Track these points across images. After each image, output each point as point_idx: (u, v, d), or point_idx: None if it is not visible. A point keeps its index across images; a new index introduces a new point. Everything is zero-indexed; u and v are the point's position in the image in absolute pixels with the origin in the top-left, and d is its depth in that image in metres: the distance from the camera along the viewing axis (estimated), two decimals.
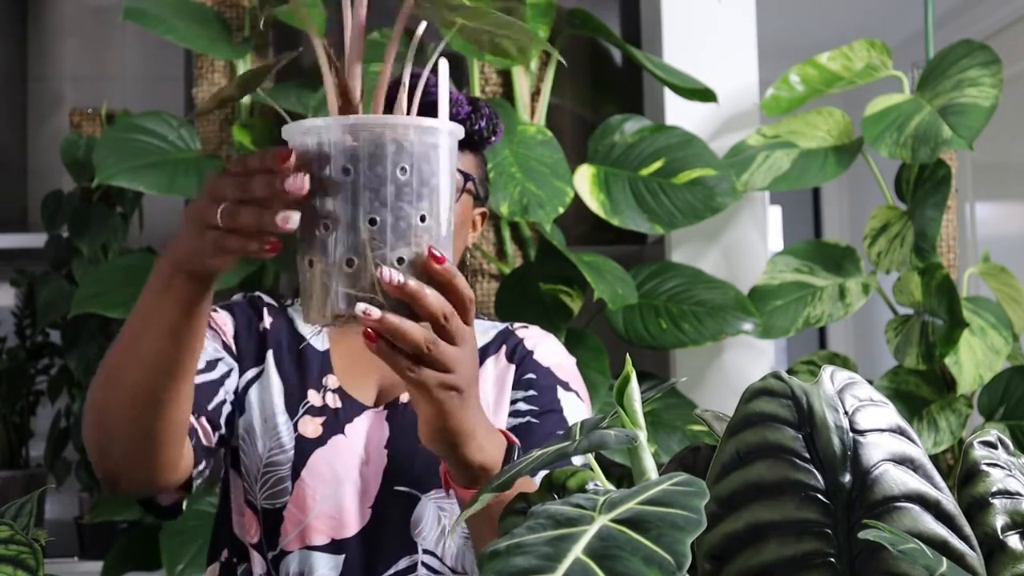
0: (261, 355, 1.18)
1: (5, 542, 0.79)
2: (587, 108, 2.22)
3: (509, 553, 0.47)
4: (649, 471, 0.67)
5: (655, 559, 0.46)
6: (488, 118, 1.18)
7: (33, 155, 2.66)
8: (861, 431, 0.61)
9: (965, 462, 0.67)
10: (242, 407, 1.15)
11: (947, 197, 1.97)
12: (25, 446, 2.48)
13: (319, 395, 1.16)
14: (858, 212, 4.20)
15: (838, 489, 0.58)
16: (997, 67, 1.93)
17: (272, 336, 1.19)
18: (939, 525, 0.58)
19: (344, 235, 0.72)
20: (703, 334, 1.92)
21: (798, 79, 2.13)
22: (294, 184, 0.72)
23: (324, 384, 1.17)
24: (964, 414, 1.95)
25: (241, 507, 1.15)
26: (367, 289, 0.72)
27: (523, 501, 0.70)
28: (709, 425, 0.75)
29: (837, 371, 0.65)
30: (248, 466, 1.14)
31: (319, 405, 1.15)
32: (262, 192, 0.73)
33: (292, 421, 1.14)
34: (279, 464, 1.12)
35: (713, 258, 2.11)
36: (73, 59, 2.70)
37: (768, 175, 2.02)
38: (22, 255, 2.46)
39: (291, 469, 1.11)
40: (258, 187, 0.73)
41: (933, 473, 0.60)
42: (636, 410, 0.70)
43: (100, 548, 2.23)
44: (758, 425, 0.61)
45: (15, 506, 0.92)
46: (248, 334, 1.19)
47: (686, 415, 1.89)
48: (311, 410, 1.15)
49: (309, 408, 1.15)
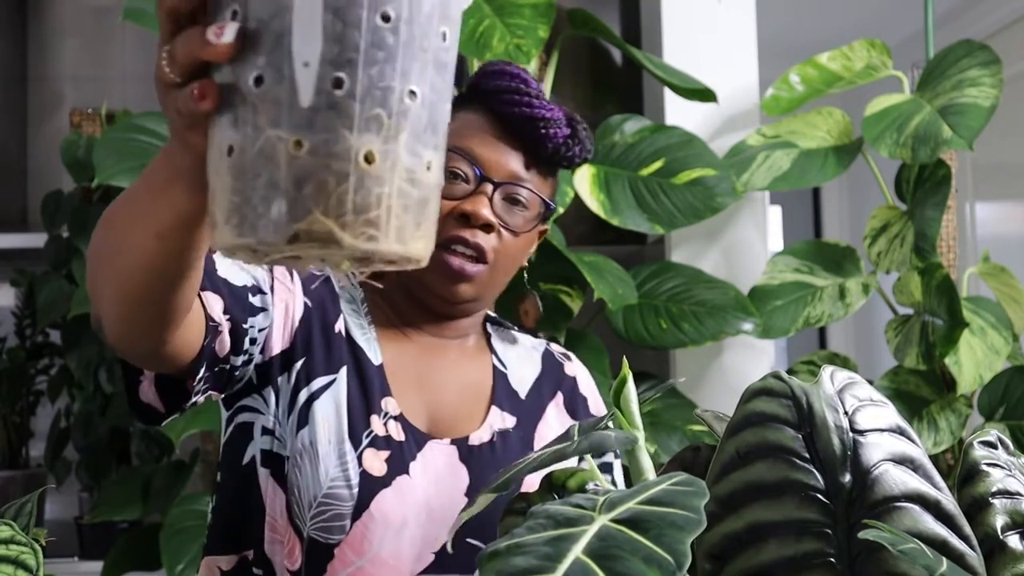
0: (334, 363, 1.05)
1: (5, 542, 0.79)
2: (587, 108, 2.22)
3: (509, 553, 0.47)
4: (647, 471, 0.67)
5: (655, 559, 0.46)
6: (583, 143, 1.10)
7: (33, 155, 2.66)
8: (861, 431, 0.61)
9: (965, 462, 0.67)
10: (305, 419, 1.01)
11: (947, 197, 1.97)
12: (25, 446, 2.48)
13: (381, 422, 1.04)
14: (858, 212, 4.20)
15: (838, 489, 0.58)
16: (997, 67, 1.93)
17: (348, 344, 1.06)
18: (939, 525, 0.58)
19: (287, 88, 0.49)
20: (703, 334, 1.92)
21: (798, 79, 2.13)
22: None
23: (384, 409, 1.04)
24: (964, 414, 1.95)
25: (278, 525, 1.02)
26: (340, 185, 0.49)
27: (523, 501, 0.70)
28: (709, 425, 0.75)
29: (837, 371, 0.65)
30: (300, 488, 1.00)
31: (383, 435, 1.03)
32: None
33: (357, 453, 1.01)
34: (339, 499, 0.99)
35: (713, 258, 2.11)
36: (73, 59, 2.69)
37: (768, 175, 2.02)
38: (22, 255, 2.46)
39: (352, 508, 0.99)
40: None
41: (933, 473, 0.60)
42: (633, 411, 0.70)
43: (100, 548, 2.23)
44: (758, 425, 0.61)
45: (15, 506, 0.92)
46: (321, 332, 1.06)
47: (686, 415, 1.89)
48: (375, 441, 1.02)
49: (373, 439, 1.02)
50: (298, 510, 1.00)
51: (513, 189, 1.06)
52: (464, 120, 1.07)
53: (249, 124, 0.50)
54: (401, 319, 1.12)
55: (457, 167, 1.05)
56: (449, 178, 1.03)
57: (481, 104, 1.08)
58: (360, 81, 0.49)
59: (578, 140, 1.09)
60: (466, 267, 1.04)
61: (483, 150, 1.06)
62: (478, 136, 1.06)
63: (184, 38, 0.53)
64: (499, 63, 1.11)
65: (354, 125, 0.49)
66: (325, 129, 0.48)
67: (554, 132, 1.06)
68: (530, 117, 1.05)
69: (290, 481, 1.00)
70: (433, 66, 0.51)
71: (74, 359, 2.26)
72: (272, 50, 0.49)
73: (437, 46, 0.52)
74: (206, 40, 0.51)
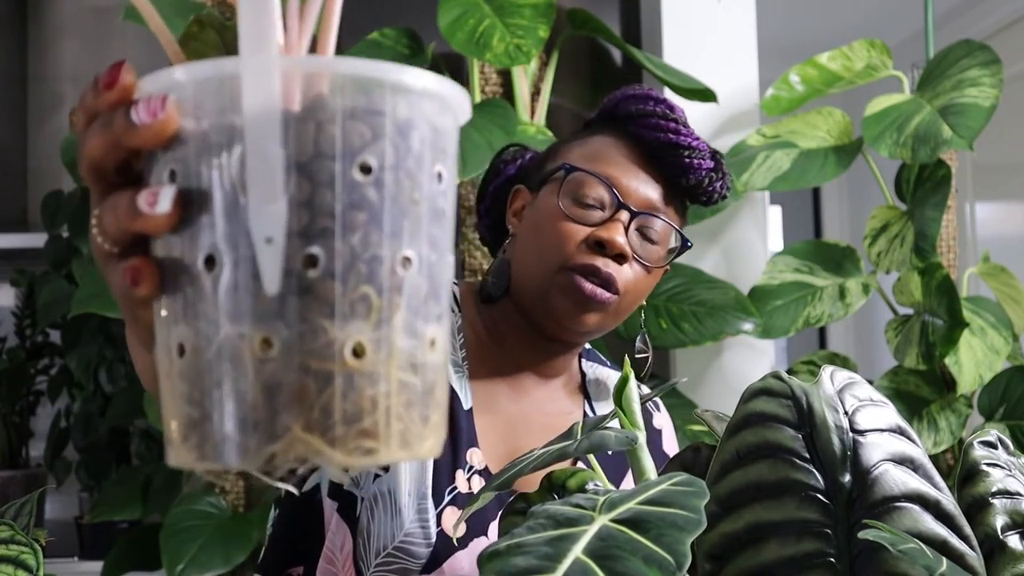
0: None
1: (5, 542, 0.79)
2: (587, 108, 2.22)
3: (509, 553, 0.47)
4: (649, 471, 0.67)
5: (655, 559, 0.46)
6: (724, 179, 1.03)
7: (33, 155, 2.66)
8: (861, 431, 0.61)
9: (965, 462, 0.67)
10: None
11: (947, 197, 1.97)
12: (25, 446, 2.48)
13: (465, 477, 0.95)
14: (858, 212, 4.20)
15: (838, 489, 0.58)
16: (997, 67, 1.93)
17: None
18: (939, 525, 0.58)
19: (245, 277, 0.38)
20: (703, 334, 1.92)
21: (798, 79, 2.13)
22: (146, 118, 0.39)
23: (469, 463, 0.96)
24: (964, 414, 1.95)
25: (336, 559, 0.95)
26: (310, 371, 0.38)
27: (523, 501, 0.70)
28: (709, 425, 0.75)
29: (837, 371, 0.65)
30: (370, 533, 0.93)
31: (465, 492, 0.94)
32: (101, 148, 0.42)
33: (438, 510, 0.93)
34: (410, 555, 0.92)
35: (713, 258, 2.11)
36: (73, 59, 2.69)
37: (768, 175, 2.02)
38: (22, 255, 2.47)
39: (422, 566, 0.92)
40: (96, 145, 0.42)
41: (933, 473, 0.60)
42: (635, 411, 0.70)
43: (100, 548, 2.23)
44: (758, 425, 0.61)
45: (15, 506, 0.92)
46: None
47: (686, 415, 1.89)
48: (457, 499, 0.94)
49: (455, 497, 0.94)
50: (363, 553, 0.93)
51: (650, 220, 0.98)
52: (600, 144, 1.00)
53: (202, 317, 0.39)
54: (501, 349, 1.04)
55: (594, 192, 0.97)
56: (585, 204, 0.97)
57: (621, 129, 1.01)
58: (339, 255, 0.38)
59: (721, 175, 1.02)
60: (598, 292, 0.95)
61: (621, 176, 0.98)
62: (616, 161, 0.99)
63: (112, 204, 0.41)
64: (640, 88, 1.04)
65: (335, 312, 0.38)
66: (299, 321, 0.38)
67: (699, 163, 0.99)
68: (676, 144, 0.98)
69: (361, 524, 0.93)
70: (429, 217, 0.41)
71: (74, 359, 2.26)
72: (224, 222, 0.38)
73: (432, 191, 0.41)
74: (136, 208, 0.39)
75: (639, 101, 1.01)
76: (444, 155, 0.42)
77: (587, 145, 1.02)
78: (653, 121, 0.99)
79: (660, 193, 0.99)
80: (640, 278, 0.99)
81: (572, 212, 0.97)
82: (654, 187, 0.99)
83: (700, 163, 0.99)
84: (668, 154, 0.99)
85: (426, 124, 0.40)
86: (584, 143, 1.02)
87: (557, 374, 1.07)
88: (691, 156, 0.98)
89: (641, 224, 0.98)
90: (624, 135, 1.01)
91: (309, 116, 0.38)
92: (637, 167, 0.99)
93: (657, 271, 1.01)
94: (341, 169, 0.38)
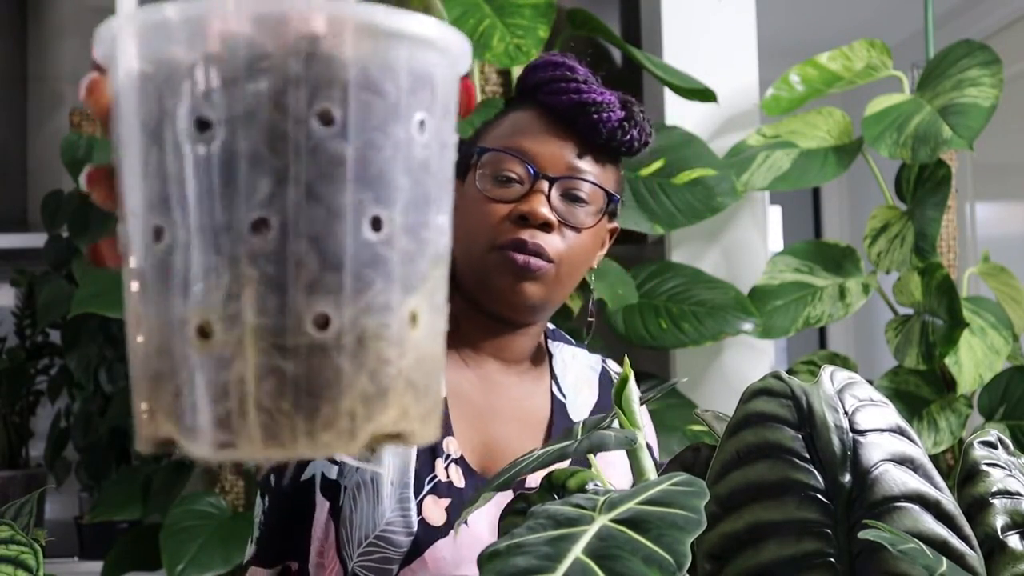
0: None
1: (5, 542, 0.79)
2: None
3: (509, 553, 0.47)
4: (648, 471, 0.67)
5: (655, 559, 0.46)
6: (641, 125, 1.02)
7: (33, 155, 2.66)
8: (861, 431, 0.61)
9: (965, 462, 0.67)
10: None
11: (947, 197, 1.97)
12: (25, 446, 2.48)
13: (443, 465, 0.96)
14: (858, 212, 4.20)
15: (838, 489, 0.58)
16: (997, 67, 1.93)
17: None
18: (939, 525, 0.58)
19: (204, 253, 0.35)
20: (703, 334, 1.92)
21: (798, 79, 2.13)
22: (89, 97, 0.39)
23: (446, 451, 0.97)
24: (964, 414, 1.95)
25: (324, 548, 0.96)
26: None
27: (523, 501, 0.70)
28: (709, 425, 0.75)
29: (837, 371, 0.65)
30: (352, 522, 0.94)
31: (444, 481, 0.95)
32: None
33: (418, 499, 0.94)
34: (392, 544, 0.92)
35: (713, 258, 2.11)
36: (73, 59, 2.69)
37: (768, 175, 2.02)
38: (22, 255, 2.46)
39: (404, 553, 0.93)
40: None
41: (933, 473, 0.60)
42: (634, 411, 0.70)
43: (100, 548, 2.23)
44: (758, 425, 0.61)
45: (15, 506, 0.92)
46: None
47: (686, 415, 1.89)
48: (437, 488, 0.95)
49: (435, 486, 0.95)
50: (346, 543, 0.94)
51: (571, 183, 0.98)
52: (513, 120, 1.01)
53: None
54: (461, 340, 1.04)
55: (510, 168, 0.98)
56: (503, 181, 0.98)
57: (529, 100, 1.02)
58: (183, 227, 0.35)
59: (635, 122, 1.00)
60: (531, 262, 0.96)
61: (534, 146, 0.98)
62: (528, 133, 0.99)
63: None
64: (544, 55, 1.04)
65: (180, 287, 0.35)
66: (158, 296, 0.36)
67: (607, 116, 0.98)
68: (581, 103, 0.98)
69: (344, 513, 0.94)
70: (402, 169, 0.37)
71: (74, 359, 2.26)
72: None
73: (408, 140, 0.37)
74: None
75: (541, 69, 1.02)
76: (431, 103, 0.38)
77: (502, 124, 1.03)
78: (556, 85, 1.00)
79: (576, 153, 0.99)
80: (574, 243, 0.99)
81: (492, 192, 0.98)
82: (571, 149, 0.99)
83: (609, 116, 0.98)
84: (577, 114, 0.99)
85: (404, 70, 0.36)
86: (499, 123, 1.04)
87: (519, 359, 1.07)
88: (598, 111, 0.98)
89: (565, 188, 0.98)
90: (535, 105, 1.01)
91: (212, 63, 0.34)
92: (549, 134, 0.99)
93: (593, 233, 1.01)
94: (293, 123, 0.34)
